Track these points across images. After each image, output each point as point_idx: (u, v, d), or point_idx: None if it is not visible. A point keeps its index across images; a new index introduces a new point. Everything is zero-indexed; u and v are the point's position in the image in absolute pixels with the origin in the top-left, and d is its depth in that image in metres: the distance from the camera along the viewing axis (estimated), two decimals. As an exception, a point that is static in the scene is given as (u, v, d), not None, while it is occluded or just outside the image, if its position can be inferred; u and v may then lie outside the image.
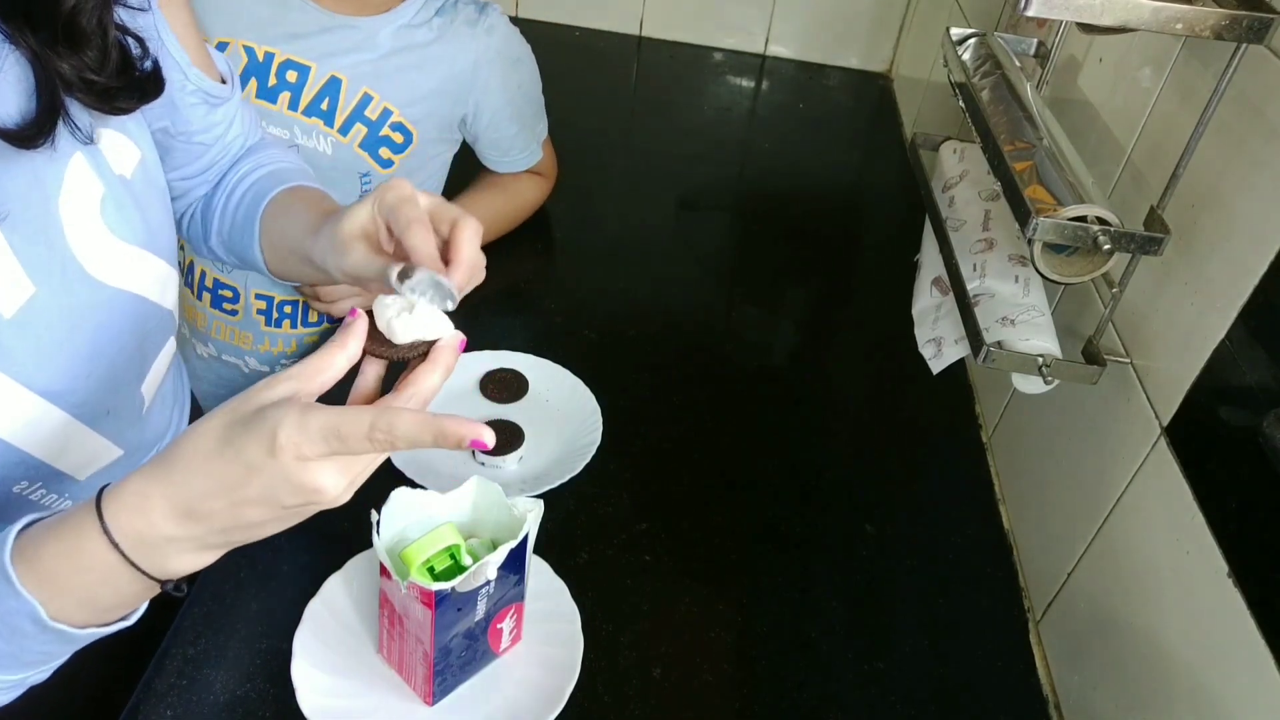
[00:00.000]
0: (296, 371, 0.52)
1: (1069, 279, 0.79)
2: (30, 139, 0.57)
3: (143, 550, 0.50)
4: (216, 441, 0.49)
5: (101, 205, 0.64)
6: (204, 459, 0.49)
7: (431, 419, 0.50)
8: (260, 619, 0.78)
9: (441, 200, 0.62)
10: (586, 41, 1.98)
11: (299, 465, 0.48)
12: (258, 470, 0.48)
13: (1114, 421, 0.81)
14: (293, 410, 0.48)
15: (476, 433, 0.50)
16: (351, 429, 0.48)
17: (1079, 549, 0.84)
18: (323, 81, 1.03)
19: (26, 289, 0.59)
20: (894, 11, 1.92)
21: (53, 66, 0.57)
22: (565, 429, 0.98)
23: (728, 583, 0.87)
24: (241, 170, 0.82)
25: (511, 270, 1.26)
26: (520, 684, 0.74)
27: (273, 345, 1.17)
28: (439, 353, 0.56)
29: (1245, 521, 0.63)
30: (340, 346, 0.54)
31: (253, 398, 0.50)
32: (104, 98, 0.61)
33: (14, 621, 0.51)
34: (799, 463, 1.02)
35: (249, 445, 0.48)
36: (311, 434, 0.48)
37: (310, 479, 0.49)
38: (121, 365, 0.68)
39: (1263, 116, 0.67)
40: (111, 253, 0.64)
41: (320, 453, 0.49)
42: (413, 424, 0.49)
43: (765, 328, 1.25)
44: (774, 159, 1.69)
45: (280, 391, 0.51)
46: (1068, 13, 0.68)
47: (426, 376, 0.55)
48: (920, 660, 0.83)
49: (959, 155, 1.06)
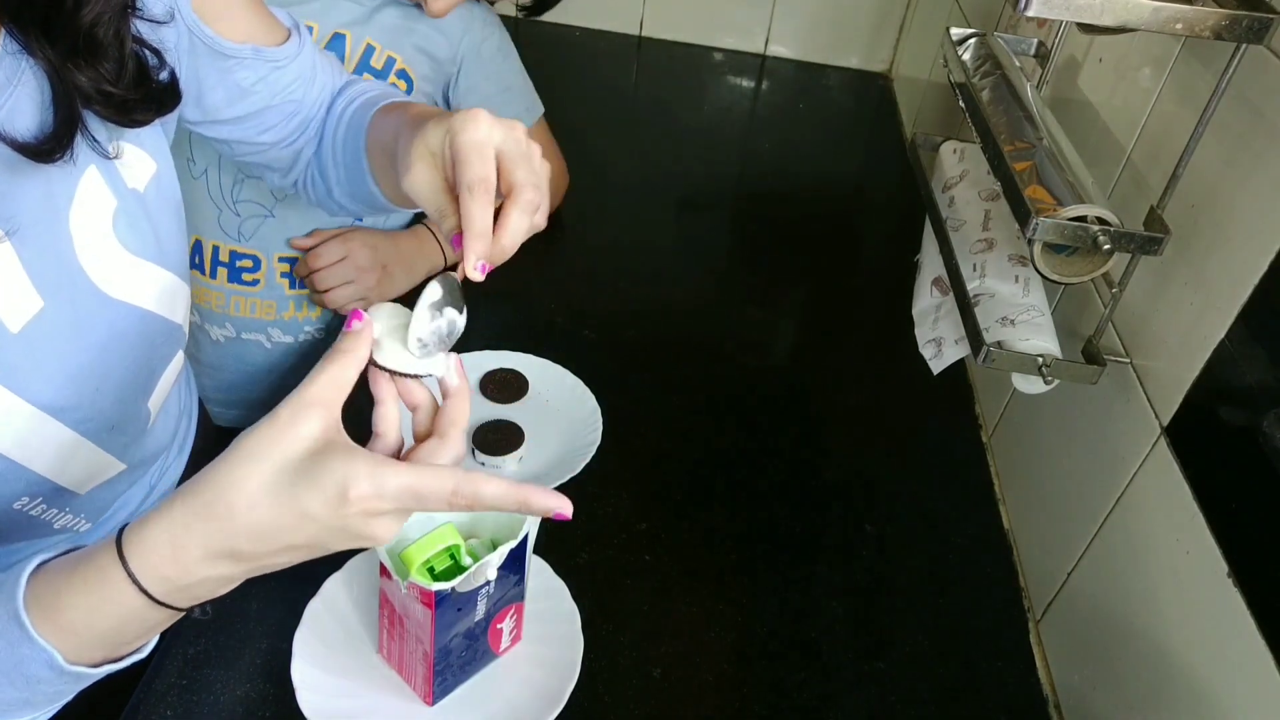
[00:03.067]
0: (315, 397, 0.49)
1: (1069, 279, 0.79)
2: (48, 152, 0.56)
3: (174, 593, 0.50)
4: (268, 488, 0.47)
5: (114, 219, 0.63)
6: (252, 505, 0.47)
7: (517, 489, 0.50)
8: (260, 619, 0.78)
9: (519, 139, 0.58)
10: (586, 41, 1.98)
11: (364, 519, 0.48)
12: (314, 519, 0.47)
13: (1114, 421, 0.81)
14: (365, 465, 0.47)
15: (561, 505, 0.51)
16: (432, 492, 0.48)
17: (1079, 549, 0.84)
18: (327, 39, 1.05)
19: (35, 303, 0.59)
20: (894, 11, 1.92)
21: (70, 79, 0.57)
22: (565, 429, 0.98)
23: (728, 583, 0.87)
24: (335, 113, 0.81)
25: (511, 270, 1.25)
26: (520, 684, 0.74)
27: (297, 310, 1.17)
28: (458, 385, 0.56)
29: (1245, 521, 0.63)
30: (352, 356, 0.52)
31: (290, 438, 0.48)
32: (121, 109, 0.60)
33: (29, 670, 0.50)
34: (799, 463, 1.02)
35: (309, 496, 0.47)
36: (387, 493, 0.47)
37: (373, 532, 0.49)
38: (128, 380, 0.67)
39: (1263, 116, 0.67)
40: (122, 267, 0.64)
41: (393, 509, 0.48)
42: (498, 492, 0.49)
43: (765, 328, 1.25)
44: (774, 159, 1.69)
45: (315, 426, 0.49)
46: (1068, 13, 0.68)
47: (458, 410, 0.55)
48: (920, 660, 0.83)
49: (959, 155, 1.06)
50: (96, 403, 0.64)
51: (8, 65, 0.56)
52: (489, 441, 0.94)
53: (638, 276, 1.30)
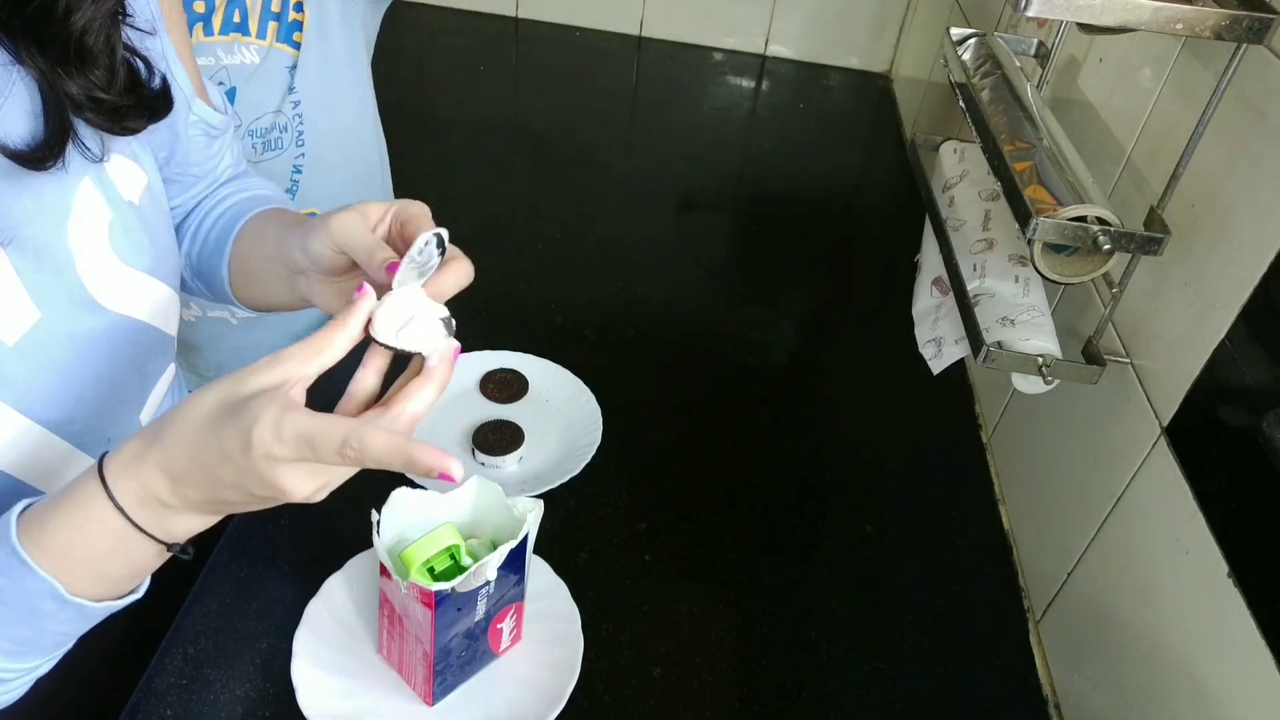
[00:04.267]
0: (294, 352, 0.51)
1: (1069, 279, 0.79)
2: (40, 160, 0.56)
3: (144, 512, 0.51)
4: (204, 420, 0.49)
5: (109, 230, 0.63)
6: (191, 433, 0.49)
7: (403, 444, 0.49)
8: (260, 619, 0.78)
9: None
10: (586, 41, 1.98)
11: (268, 464, 0.48)
12: (231, 460, 0.48)
13: (1114, 421, 0.81)
14: (272, 408, 0.48)
15: (445, 465, 0.49)
16: (324, 440, 0.48)
17: (1079, 549, 0.84)
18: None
19: (31, 315, 0.58)
20: (894, 11, 1.92)
21: (61, 86, 0.57)
22: (565, 429, 0.98)
23: (727, 583, 0.87)
24: (219, 194, 0.81)
25: (511, 270, 1.26)
26: (520, 684, 0.74)
27: None
28: (435, 368, 0.54)
29: (1245, 521, 0.63)
30: (341, 325, 0.52)
31: (249, 379, 0.50)
32: (113, 116, 0.60)
33: (34, 602, 0.51)
34: (799, 463, 1.02)
35: (228, 434, 0.48)
36: (285, 437, 0.47)
37: (277, 479, 0.49)
38: (121, 392, 0.67)
39: (1263, 116, 0.67)
40: (118, 278, 0.64)
41: (290, 456, 0.48)
42: (384, 446, 0.48)
43: (765, 328, 1.25)
44: (774, 159, 1.69)
45: (275, 376, 0.50)
46: (1068, 13, 0.68)
47: (420, 392, 0.53)
48: (920, 660, 0.83)
49: (959, 155, 1.06)
50: (91, 415, 0.64)
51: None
52: (489, 441, 0.94)
53: (638, 276, 1.30)
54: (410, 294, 0.55)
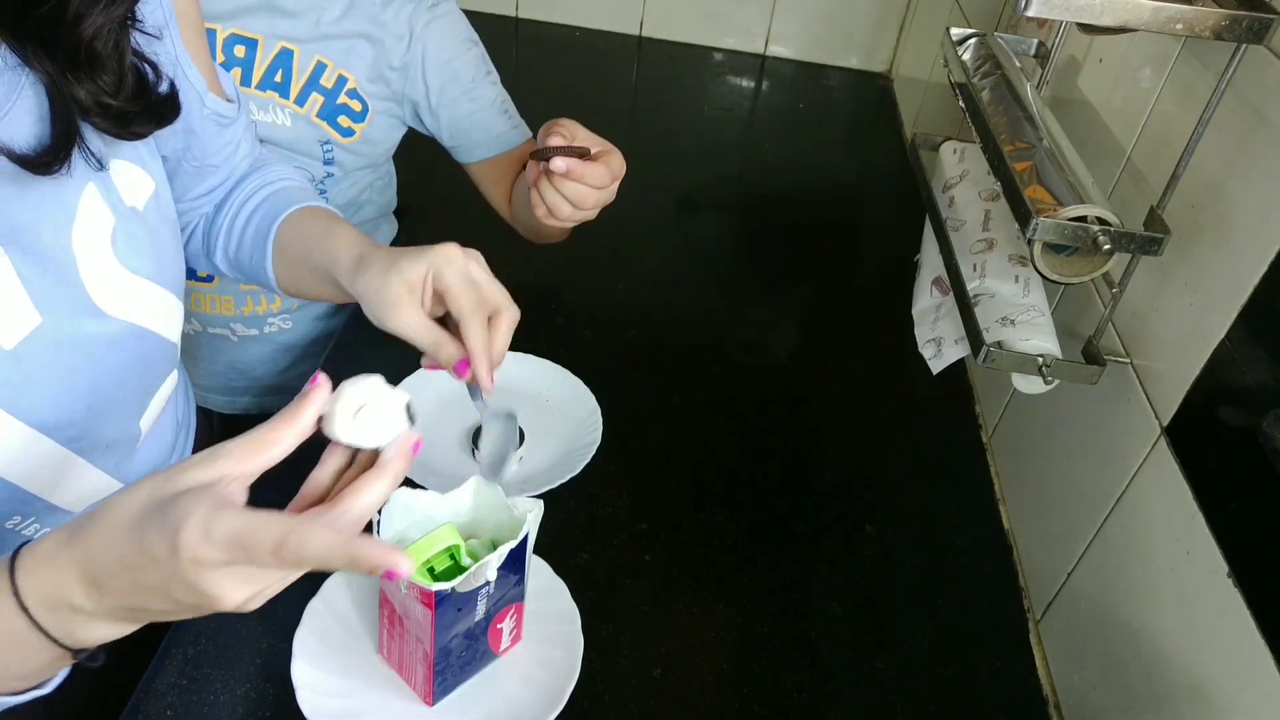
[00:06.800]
0: (233, 448, 0.47)
1: (1069, 279, 0.79)
2: (46, 164, 0.56)
3: (52, 616, 0.47)
4: (129, 519, 0.46)
5: (112, 237, 0.63)
6: (116, 533, 0.46)
7: (345, 542, 0.45)
8: (260, 619, 0.78)
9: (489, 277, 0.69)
10: (586, 41, 1.98)
11: (194, 569, 0.44)
12: (157, 564, 0.45)
13: (1114, 421, 0.81)
14: (200, 508, 0.44)
15: (394, 563, 0.45)
16: (257, 541, 0.44)
17: (1079, 549, 0.84)
18: (273, 54, 1.01)
19: (32, 320, 0.58)
20: (894, 11, 1.92)
21: (69, 91, 0.57)
22: (565, 429, 0.98)
23: (728, 583, 0.87)
24: (248, 188, 0.82)
25: (511, 270, 1.25)
26: (520, 684, 0.74)
27: (255, 304, 1.15)
28: (389, 461, 0.50)
29: (1245, 521, 0.63)
30: (291, 420, 0.48)
31: (181, 475, 0.46)
32: (120, 122, 0.60)
33: None
34: (799, 463, 1.02)
35: (153, 536, 0.44)
36: (215, 538, 0.43)
37: (205, 585, 0.45)
38: (121, 399, 0.67)
39: (1263, 116, 0.67)
40: (120, 285, 0.64)
41: (220, 560, 0.44)
42: (325, 546, 0.44)
43: (765, 328, 1.25)
44: (774, 159, 1.69)
45: (211, 472, 0.46)
46: (1068, 13, 0.68)
47: (369, 488, 0.48)
48: (920, 660, 0.83)
49: (959, 155, 1.06)
50: (91, 421, 0.64)
51: (7, 79, 0.56)
52: (489, 441, 0.94)
53: (638, 276, 1.30)
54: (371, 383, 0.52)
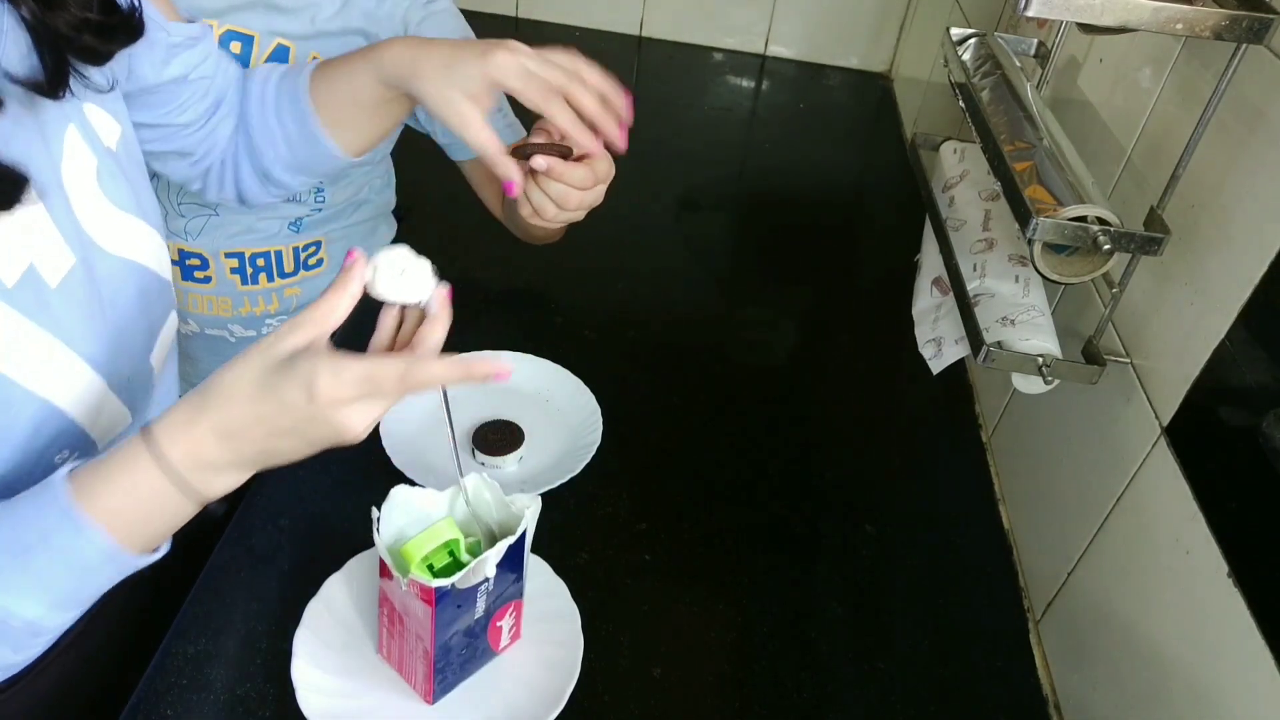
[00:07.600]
0: (308, 317, 0.57)
1: (1069, 279, 0.79)
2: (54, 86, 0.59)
3: (195, 474, 0.56)
4: (254, 380, 0.55)
5: (98, 175, 0.65)
6: (244, 393, 0.55)
7: (457, 361, 0.57)
8: (260, 619, 0.78)
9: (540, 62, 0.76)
10: (586, 41, 1.98)
11: (333, 408, 0.54)
12: (293, 409, 0.54)
13: (1114, 421, 0.81)
14: (322, 360, 0.54)
15: (500, 365, 0.58)
16: (384, 376, 0.55)
17: (1079, 549, 0.84)
18: (269, 50, 1.00)
19: (69, 259, 0.61)
20: (894, 11, 1.92)
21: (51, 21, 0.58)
22: (565, 429, 0.98)
23: (728, 583, 0.87)
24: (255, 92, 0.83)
25: (511, 270, 1.26)
26: (520, 684, 0.74)
27: (253, 305, 1.15)
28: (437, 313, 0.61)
29: (1245, 521, 0.63)
30: (342, 289, 0.58)
31: (279, 344, 0.56)
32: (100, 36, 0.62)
33: (86, 560, 0.55)
34: (799, 463, 1.02)
35: (286, 388, 0.54)
36: (346, 381, 0.54)
37: (343, 420, 0.55)
38: (133, 334, 0.69)
39: (1263, 116, 0.67)
40: (113, 222, 0.66)
41: (352, 396, 0.54)
42: (445, 368, 0.57)
43: (765, 328, 1.25)
44: (774, 159, 1.69)
45: (302, 337, 0.56)
46: (1068, 13, 0.68)
47: (433, 330, 0.60)
48: (920, 660, 0.83)
49: (959, 155, 1.06)
50: (115, 354, 0.67)
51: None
52: (489, 441, 0.94)
53: (638, 276, 1.30)
54: (400, 251, 0.61)
